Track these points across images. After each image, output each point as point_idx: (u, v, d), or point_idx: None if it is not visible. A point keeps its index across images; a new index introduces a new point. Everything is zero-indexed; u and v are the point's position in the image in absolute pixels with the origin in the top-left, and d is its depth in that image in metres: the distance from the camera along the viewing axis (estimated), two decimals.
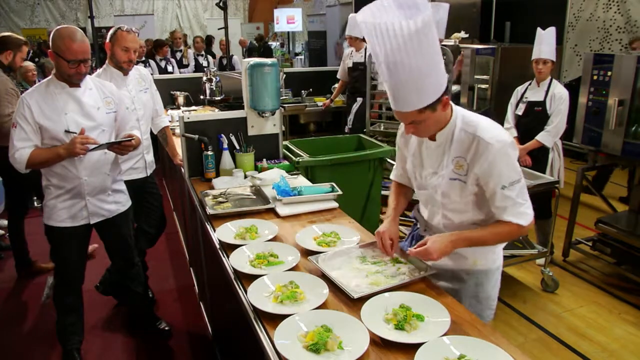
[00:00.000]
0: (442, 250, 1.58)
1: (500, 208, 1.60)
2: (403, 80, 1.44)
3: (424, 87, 1.45)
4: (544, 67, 3.54)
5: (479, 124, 1.58)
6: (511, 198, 1.57)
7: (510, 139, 1.59)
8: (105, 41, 2.85)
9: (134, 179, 2.96)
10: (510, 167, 1.55)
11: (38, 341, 3.01)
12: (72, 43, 2.18)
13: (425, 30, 1.38)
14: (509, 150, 1.54)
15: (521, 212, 1.60)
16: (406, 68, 1.42)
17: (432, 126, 1.58)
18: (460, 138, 1.59)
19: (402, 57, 1.40)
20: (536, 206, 3.71)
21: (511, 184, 1.56)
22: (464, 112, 1.63)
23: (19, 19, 13.37)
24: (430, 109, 1.49)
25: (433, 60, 1.44)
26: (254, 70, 2.75)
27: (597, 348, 2.86)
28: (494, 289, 1.85)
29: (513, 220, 1.59)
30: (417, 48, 1.39)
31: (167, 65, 6.89)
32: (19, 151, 2.24)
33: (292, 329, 1.36)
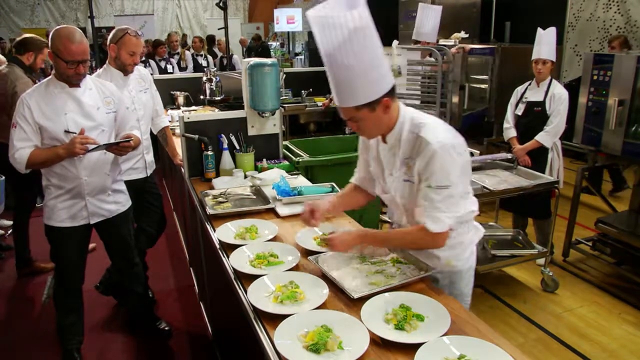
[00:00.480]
0: (347, 241, 1.64)
1: (419, 205, 1.59)
2: (339, 76, 1.49)
3: (360, 86, 1.48)
4: (543, 68, 3.54)
5: (425, 125, 1.58)
6: (432, 198, 1.54)
7: (456, 142, 1.56)
8: (107, 41, 2.85)
9: (134, 179, 2.96)
10: (444, 170, 1.52)
11: (38, 341, 3.01)
12: (70, 44, 2.18)
13: (363, 30, 1.42)
14: (448, 154, 1.52)
15: (436, 217, 1.55)
16: (341, 65, 1.45)
17: (371, 126, 1.60)
18: (408, 139, 1.61)
19: (337, 53, 1.44)
20: (536, 206, 3.75)
21: (439, 187, 1.53)
22: (413, 114, 1.64)
23: (19, 19, 13.37)
24: (367, 108, 1.52)
25: (370, 62, 1.46)
26: (254, 70, 2.75)
27: (597, 348, 2.86)
28: (467, 287, 1.86)
29: (423, 220, 1.57)
30: (353, 47, 1.42)
31: (166, 65, 6.88)
32: (19, 151, 2.24)
33: (292, 329, 1.36)
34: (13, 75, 3.49)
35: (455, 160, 1.54)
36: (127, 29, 2.84)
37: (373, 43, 1.47)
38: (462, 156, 1.56)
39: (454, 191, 1.55)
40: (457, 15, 6.36)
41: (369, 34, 1.45)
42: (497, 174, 3.43)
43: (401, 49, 4.16)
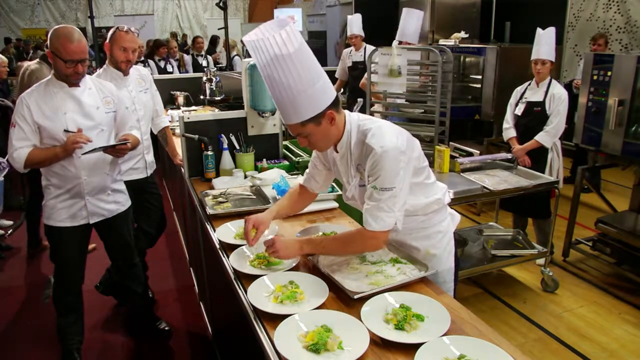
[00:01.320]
0: (288, 248, 1.68)
1: (364, 202, 1.63)
2: (279, 95, 1.52)
3: (300, 103, 1.51)
4: (542, 68, 3.54)
5: (371, 130, 1.61)
6: (376, 199, 1.58)
7: (399, 144, 1.58)
8: (105, 41, 2.85)
9: (135, 179, 2.96)
10: (387, 173, 1.56)
11: (38, 341, 3.01)
12: (68, 43, 2.18)
13: (296, 50, 1.45)
14: (391, 157, 1.55)
15: (378, 216, 1.59)
16: (280, 86, 1.49)
17: (320, 140, 1.63)
18: (357, 146, 1.65)
19: (274, 75, 1.48)
20: (536, 206, 3.75)
21: (383, 189, 1.57)
22: (359, 122, 1.66)
23: (19, 19, 13.38)
24: (312, 122, 1.55)
25: (307, 79, 1.49)
26: (254, 70, 2.75)
27: (597, 348, 2.86)
28: (449, 273, 1.91)
29: (365, 217, 1.61)
30: (290, 68, 1.46)
31: (166, 65, 6.87)
32: (17, 151, 2.25)
33: (292, 329, 1.36)
34: (40, 73, 3.51)
35: (399, 162, 1.57)
36: (118, 27, 2.84)
37: (307, 59, 1.50)
38: (406, 154, 1.59)
39: (397, 192, 1.58)
40: (457, 15, 6.35)
41: (301, 51, 1.47)
42: (497, 174, 3.43)
43: (401, 49, 4.17)
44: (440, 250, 1.85)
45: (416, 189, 1.71)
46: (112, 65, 2.84)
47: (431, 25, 6.18)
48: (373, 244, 1.69)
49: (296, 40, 1.47)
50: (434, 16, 6.16)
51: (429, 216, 1.81)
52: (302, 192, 2.01)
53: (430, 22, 6.15)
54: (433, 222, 1.82)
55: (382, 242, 1.68)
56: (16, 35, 12.96)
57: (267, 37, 1.45)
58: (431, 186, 1.79)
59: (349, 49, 5.61)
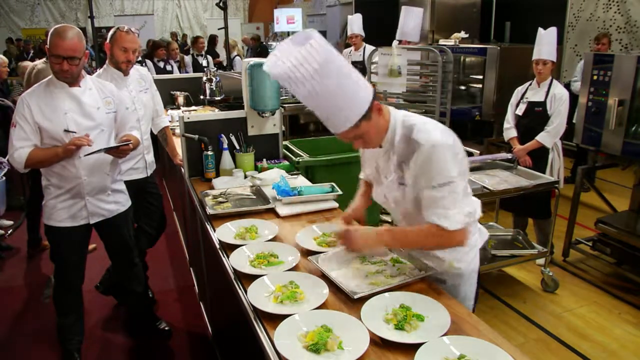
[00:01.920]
0: (364, 240, 1.61)
1: (426, 208, 1.56)
2: (324, 109, 1.49)
3: (347, 106, 1.47)
4: (543, 68, 3.54)
5: (415, 125, 1.56)
6: (436, 198, 1.52)
7: (449, 140, 1.53)
8: (106, 41, 2.85)
9: (135, 179, 2.96)
10: (441, 168, 1.50)
11: (38, 341, 3.01)
12: (59, 40, 2.17)
13: (327, 63, 1.40)
14: (442, 152, 1.50)
15: (446, 215, 1.52)
16: (321, 98, 1.45)
17: (375, 134, 1.59)
18: (401, 142, 1.60)
19: (312, 91, 1.42)
20: (536, 206, 3.75)
21: (440, 185, 1.51)
22: (404, 116, 1.62)
23: (19, 19, 13.38)
24: (364, 120, 1.51)
25: (345, 82, 1.45)
26: (254, 70, 2.75)
27: (597, 348, 2.86)
28: (470, 290, 1.83)
29: (435, 221, 1.53)
30: (323, 79, 1.41)
31: (166, 65, 6.86)
32: (18, 151, 2.25)
33: (292, 329, 1.36)
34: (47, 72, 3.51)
35: (450, 157, 1.51)
36: (119, 27, 2.84)
37: (338, 64, 1.45)
38: (457, 154, 1.54)
39: (457, 188, 1.52)
40: (457, 15, 6.35)
41: (331, 60, 1.42)
42: (497, 174, 3.43)
43: (401, 49, 4.17)
44: (464, 264, 1.77)
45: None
46: (112, 66, 2.84)
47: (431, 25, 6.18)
48: (454, 243, 1.61)
49: (322, 48, 1.40)
50: (434, 16, 6.16)
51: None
52: (368, 185, 1.96)
53: (430, 22, 6.15)
54: None
55: (461, 240, 1.59)
56: (16, 36, 12.96)
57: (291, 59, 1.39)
58: (467, 198, 1.68)
59: (349, 49, 5.62)
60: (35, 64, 3.59)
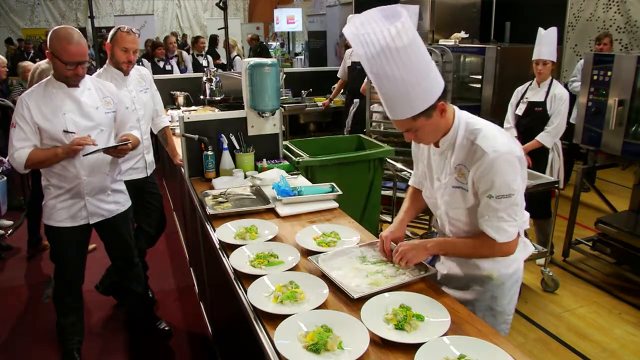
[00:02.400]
0: (417, 252, 1.62)
1: (481, 216, 1.55)
2: (390, 90, 1.44)
3: (413, 96, 1.43)
4: (544, 68, 3.54)
5: (481, 131, 1.52)
6: (494, 209, 1.50)
7: (514, 151, 1.49)
8: (106, 41, 2.85)
9: (134, 179, 2.96)
10: (504, 179, 1.47)
11: (38, 341, 3.01)
12: (68, 45, 2.18)
13: (411, 43, 1.37)
14: (506, 162, 1.47)
15: (499, 227, 1.52)
16: (391, 79, 1.41)
17: (430, 133, 1.55)
18: (462, 145, 1.55)
19: (385, 69, 1.39)
20: (536, 206, 3.74)
21: (499, 196, 1.48)
22: (469, 119, 1.58)
23: (19, 19, 13.38)
24: (424, 115, 1.47)
25: (420, 71, 1.42)
26: (254, 70, 2.75)
27: (597, 348, 2.86)
28: (510, 304, 1.74)
29: (488, 232, 1.54)
30: (403, 61, 1.38)
31: (165, 65, 6.85)
32: (18, 151, 2.25)
33: (292, 329, 1.36)
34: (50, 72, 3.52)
35: (515, 168, 1.48)
36: (120, 27, 2.84)
37: (422, 52, 1.41)
38: (521, 163, 1.51)
39: (516, 199, 1.50)
40: (457, 15, 6.35)
41: (416, 45, 1.38)
42: None
43: None
44: (504, 277, 1.67)
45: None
46: (112, 66, 2.84)
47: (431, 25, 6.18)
48: (504, 254, 1.62)
49: (411, 31, 1.37)
50: (434, 16, 6.16)
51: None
52: (416, 192, 1.92)
53: (430, 22, 6.15)
54: None
55: (511, 250, 1.60)
56: (17, 36, 12.96)
57: (376, 30, 1.35)
58: (519, 208, 1.61)
59: (350, 50, 5.61)
60: (39, 64, 3.59)
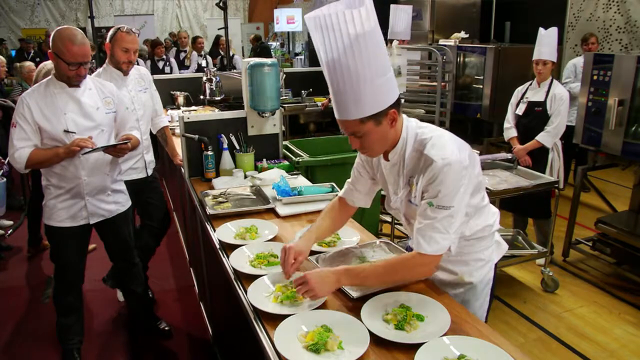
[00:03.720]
0: (324, 283, 1.44)
1: (418, 220, 1.45)
2: (341, 83, 1.34)
3: (366, 95, 1.33)
4: (544, 68, 3.55)
5: (429, 140, 1.44)
6: (430, 217, 1.41)
7: (462, 161, 1.41)
8: (106, 41, 2.85)
9: (134, 179, 2.96)
10: (447, 190, 1.39)
11: (38, 341, 3.01)
12: (72, 45, 2.18)
13: (372, 33, 1.29)
14: (453, 172, 1.38)
15: (432, 237, 1.41)
16: (345, 71, 1.32)
17: (376, 142, 1.45)
18: (412, 157, 1.48)
19: (342, 57, 1.30)
20: (536, 206, 3.75)
21: (439, 206, 1.40)
22: (418, 129, 1.49)
23: (19, 19, 13.37)
24: (373, 120, 1.37)
25: (377, 68, 1.33)
26: (254, 70, 2.75)
27: (597, 348, 2.86)
28: (482, 308, 1.72)
29: (417, 240, 1.43)
30: (361, 51, 1.29)
31: (164, 66, 6.85)
32: (19, 151, 2.25)
33: (292, 329, 1.36)
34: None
35: (461, 178, 1.40)
36: (120, 27, 2.84)
37: (380, 47, 1.34)
38: (468, 170, 1.42)
39: (455, 212, 1.41)
40: (457, 15, 6.36)
41: (377, 37, 1.31)
42: (497, 174, 3.43)
43: (401, 49, 4.17)
44: (476, 279, 1.67)
45: (469, 211, 1.53)
46: (112, 65, 2.84)
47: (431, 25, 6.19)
48: (423, 271, 1.50)
49: (373, 21, 1.29)
50: (434, 16, 6.17)
51: (472, 242, 1.63)
52: (341, 206, 1.79)
53: (430, 22, 6.16)
54: (475, 248, 1.64)
55: (433, 267, 1.48)
56: (17, 36, 12.95)
57: (338, 13, 1.26)
58: (483, 210, 1.60)
59: None
60: (44, 64, 3.59)
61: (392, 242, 1.90)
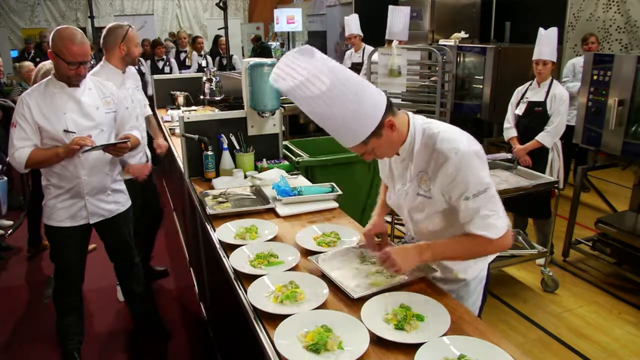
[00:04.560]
0: (408, 258, 1.51)
1: (465, 221, 1.50)
2: (328, 125, 1.43)
3: (357, 124, 1.41)
4: (543, 68, 3.55)
5: (439, 135, 1.49)
6: (475, 209, 1.46)
7: (474, 147, 1.47)
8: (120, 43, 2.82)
9: None
10: (472, 177, 1.44)
11: (38, 341, 3.01)
12: (72, 45, 2.19)
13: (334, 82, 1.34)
14: (470, 160, 1.44)
15: (488, 224, 1.46)
16: (324, 117, 1.40)
17: (386, 148, 1.52)
18: (421, 151, 1.53)
19: (316, 109, 1.38)
20: (536, 206, 3.74)
21: (475, 194, 1.44)
22: (425, 124, 1.55)
23: (19, 19, 13.36)
24: (374, 137, 1.44)
25: (356, 101, 1.38)
26: (253, 70, 2.75)
27: (597, 348, 2.86)
28: (475, 305, 1.76)
29: (479, 233, 1.47)
30: (331, 100, 1.35)
31: (164, 66, 6.85)
32: (19, 151, 2.25)
33: (292, 329, 1.36)
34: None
35: (481, 162, 1.46)
36: (126, 26, 2.87)
37: (346, 82, 1.37)
38: (484, 161, 1.47)
39: (490, 191, 1.46)
40: (457, 15, 6.36)
41: (337, 80, 1.35)
42: (497, 174, 3.42)
43: (401, 49, 4.17)
44: (470, 276, 1.72)
45: None
46: (115, 64, 2.86)
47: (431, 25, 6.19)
48: (501, 249, 1.54)
49: (328, 71, 1.34)
50: (434, 16, 6.17)
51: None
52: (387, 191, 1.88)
53: (430, 22, 6.16)
54: None
55: (508, 243, 1.52)
56: (17, 36, 12.95)
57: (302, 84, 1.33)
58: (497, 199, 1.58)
59: (350, 51, 5.62)
60: (43, 64, 3.60)
61: (392, 242, 1.90)
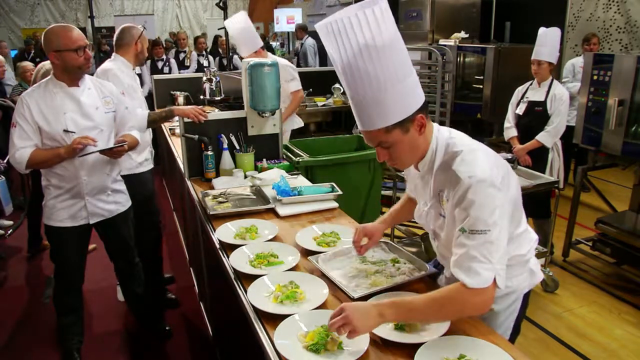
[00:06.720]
0: (366, 319, 1.24)
1: (453, 253, 1.30)
2: (361, 90, 1.25)
3: (389, 101, 1.24)
4: (538, 68, 3.55)
5: (460, 154, 1.31)
6: (465, 245, 1.25)
7: (494, 174, 1.26)
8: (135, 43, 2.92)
9: (147, 170, 3.05)
10: (477, 211, 1.23)
11: (38, 341, 3.01)
12: (69, 33, 2.24)
13: (388, 31, 1.20)
14: (482, 190, 1.24)
15: (470, 268, 1.23)
16: (363, 76, 1.22)
17: (406, 152, 1.34)
18: (441, 169, 1.36)
19: (358, 61, 1.21)
20: (536, 206, 3.74)
21: (473, 231, 1.24)
22: (450, 139, 1.38)
23: (19, 19, 13.36)
24: (399, 128, 1.28)
25: (398, 71, 1.23)
26: (253, 70, 2.75)
27: (597, 348, 2.86)
28: (504, 336, 1.49)
29: (456, 273, 1.26)
30: (378, 52, 1.20)
31: (163, 66, 6.85)
32: (19, 151, 2.25)
33: (292, 329, 1.36)
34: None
35: (493, 199, 1.24)
36: (141, 27, 2.99)
37: (400, 48, 1.23)
38: (502, 191, 1.26)
39: (494, 238, 1.23)
40: (457, 15, 6.35)
41: (394, 37, 1.21)
42: None
43: None
44: (501, 307, 1.52)
45: None
46: (135, 61, 2.97)
47: (431, 25, 6.18)
48: (478, 307, 1.27)
49: (389, 19, 1.20)
50: (434, 16, 6.16)
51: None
52: (411, 199, 1.74)
53: (430, 22, 6.15)
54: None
55: (487, 301, 1.26)
56: (17, 36, 12.96)
57: (350, 16, 1.17)
58: (518, 238, 1.46)
59: None
60: (43, 64, 3.60)
61: (392, 242, 1.90)
